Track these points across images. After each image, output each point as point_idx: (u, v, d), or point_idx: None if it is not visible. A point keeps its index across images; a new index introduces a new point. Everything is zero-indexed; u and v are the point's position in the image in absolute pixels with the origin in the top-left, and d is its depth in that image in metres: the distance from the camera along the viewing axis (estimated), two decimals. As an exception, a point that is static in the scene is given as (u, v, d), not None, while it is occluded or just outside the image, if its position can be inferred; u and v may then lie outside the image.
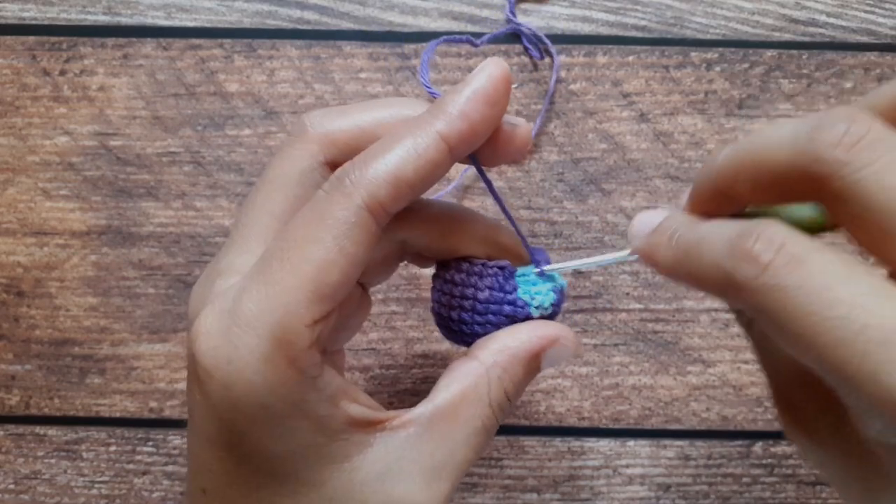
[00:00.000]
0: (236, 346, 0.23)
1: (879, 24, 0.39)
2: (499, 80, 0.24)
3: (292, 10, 0.40)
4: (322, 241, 0.23)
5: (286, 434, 0.23)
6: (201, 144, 0.40)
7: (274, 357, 0.22)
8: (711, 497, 0.39)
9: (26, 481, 0.40)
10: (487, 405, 0.25)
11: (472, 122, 0.23)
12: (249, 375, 0.23)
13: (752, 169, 0.21)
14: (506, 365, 0.26)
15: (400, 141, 0.23)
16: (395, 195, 0.23)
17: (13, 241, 0.40)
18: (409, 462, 0.25)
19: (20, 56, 0.40)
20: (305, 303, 0.22)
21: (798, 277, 0.19)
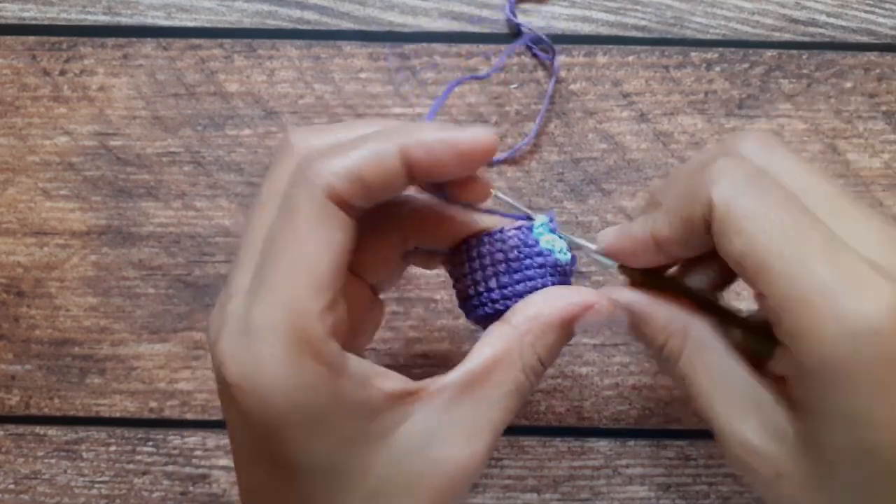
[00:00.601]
0: (260, 358, 0.23)
1: (879, 24, 0.39)
2: (480, 144, 0.25)
3: (292, 10, 0.40)
4: (301, 236, 0.24)
5: (328, 429, 0.24)
6: (201, 144, 0.40)
7: (297, 357, 0.23)
8: (711, 497, 0.39)
9: (26, 481, 0.40)
10: (521, 370, 0.26)
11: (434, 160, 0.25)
12: (281, 382, 0.23)
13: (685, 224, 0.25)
14: (539, 332, 0.27)
15: (363, 144, 0.24)
16: (352, 190, 0.24)
17: (13, 241, 0.40)
18: (448, 425, 0.26)
19: (20, 56, 0.40)
20: (308, 297, 0.23)
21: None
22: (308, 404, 0.23)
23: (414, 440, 0.25)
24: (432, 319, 0.39)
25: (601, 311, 0.27)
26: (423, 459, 0.25)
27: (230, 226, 0.40)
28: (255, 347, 0.23)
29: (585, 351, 0.39)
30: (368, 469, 0.25)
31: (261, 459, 0.25)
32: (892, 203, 0.39)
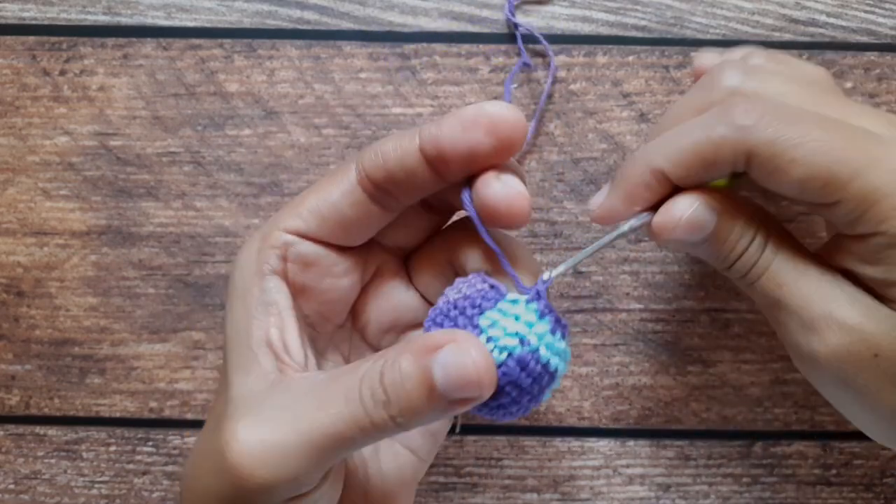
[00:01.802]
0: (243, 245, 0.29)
1: (879, 24, 0.39)
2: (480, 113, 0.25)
3: (292, 10, 0.40)
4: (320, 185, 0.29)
5: (233, 307, 0.28)
6: (201, 144, 0.40)
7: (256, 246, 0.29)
8: (711, 497, 0.39)
9: (26, 481, 0.40)
10: (357, 376, 0.24)
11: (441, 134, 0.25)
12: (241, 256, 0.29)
13: (697, 160, 0.26)
14: (398, 350, 0.24)
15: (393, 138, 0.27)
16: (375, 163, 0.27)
17: (13, 241, 0.40)
18: (271, 404, 0.25)
19: (20, 56, 0.40)
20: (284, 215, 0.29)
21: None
22: (237, 281, 0.28)
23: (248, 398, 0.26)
24: (432, 319, 0.39)
25: (463, 351, 0.23)
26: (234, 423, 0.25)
27: (230, 226, 0.40)
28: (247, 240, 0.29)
29: (585, 351, 0.39)
30: (230, 385, 0.27)
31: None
32: (892, 203, 0.39)
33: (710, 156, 0.26)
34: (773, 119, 0.25)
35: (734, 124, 0.25)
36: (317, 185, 0.28)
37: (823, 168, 0.25)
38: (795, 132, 0.25)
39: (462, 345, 0.23)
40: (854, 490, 0.39)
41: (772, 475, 0.39)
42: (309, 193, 0.28)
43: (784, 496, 0.39)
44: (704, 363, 0.39)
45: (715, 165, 0.26)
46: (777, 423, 0.39)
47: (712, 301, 0.39)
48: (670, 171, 0.27)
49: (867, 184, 0.24)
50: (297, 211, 0.28)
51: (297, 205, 0.28)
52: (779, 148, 0.25)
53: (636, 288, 0.39)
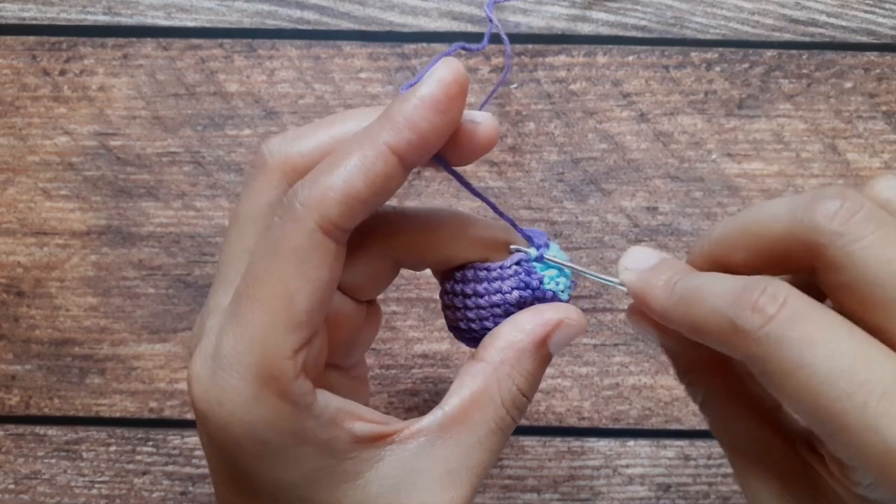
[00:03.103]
0: (224, 388, 0.23)
1: (879, 24, 0.39)
2: (450, 84, 0.22)
3: (292, 10, 0.40)
4: (283, 272, 0.22)
5: (292, 463, 0.24)
6: (201, 144, 0.40)
7: (262, 394, 0.23)
8: (711, 497, 0.39)
9: (26, 481, 0.40)
10: (500, 405, 0.25)
11: (420, 132, 0.22)
12: (242, 415, 0.23)
13: (751, 239, 0.23)
14: (513, 361, 0.25)
15: (348, 156, 0.22)
16: (348, 213, 0.22)
17: (13, 241, 0.40)
18: (422, 471, 0.25)
19: (20, 56, 0.40)
20: (281, 336, 0.22)
21: (802, 331, 0.20)
22: (268, 439, 0.23)
23: (384, 484, 0.24)
24: (432, 319, 0.39)
25: (572, 324, 0.26)
26: (395, 503, 0.24)
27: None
28: (221, 377, 0.23)
29: (585, 351, 0.39)
30: (340, 502, 0.24)
31: (229, 482, 0.25)
32: (892, 203, 0.39)
33: (762, 230, 0.22)
34: (876, 234, 0.20)
35: (815, 212, 0.21)
36: (273, 276, 0.23)
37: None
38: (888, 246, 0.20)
39: (567, 320, 0.26)
40: (854, 490, 0.39)
41: (772, 475, 0.39)
42: (281, 292, 0.23)
43: (784, 496, 0.39)
44: (704, 363, 0.39)
45: (776, 254, 0.22)
46: (777, 423, 0.39)
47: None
48: (721, 251, 0.24)
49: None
50: (290, 321, 0.23)
51: (278, 314, 0.23)
52: (850, 265, 0.20)
53: (636, 288, 0.39)
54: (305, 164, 0.25)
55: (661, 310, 0.24)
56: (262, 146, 0.25)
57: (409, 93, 0.23)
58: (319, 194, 0.22)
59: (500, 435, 0.25)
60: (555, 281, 0.27)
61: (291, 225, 0.22)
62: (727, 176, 0.39)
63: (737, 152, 0.39)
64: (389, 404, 0.39)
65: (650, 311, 0.25)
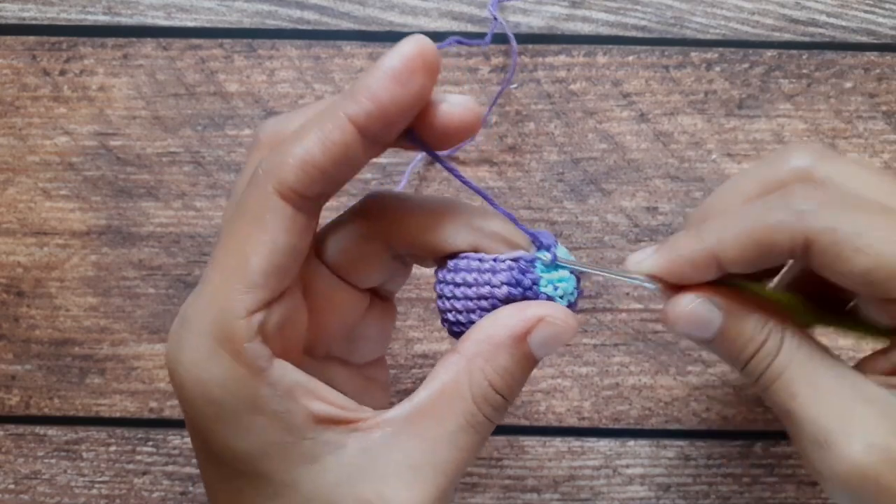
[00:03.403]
0: (183, 347, 0.24)
1: (879, 24, 0.39)
2: (410, 57, 0.22)
3: (292, 10, 0.40)
4: (239, 233, 0.23)
5: (247, 430, 0.24)
6: (201, 144, 0.40)
7: (217, 352, 0.23)
8: (711, 497, 0.39)
9: (26, 481, 0.40)
10: (470, 401, 0.24)
11: (379, 102, 0.22)
12: (198, 373, 0.23)
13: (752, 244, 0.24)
14: (488, 355, 0.24)
15: (309, 127, 0.23)
16: (305, 179, 0.23)
17: (13, 241, 0.40)
18: (384, 463, 0.24)
19: (20, 56, 0.40)
20: (235, 296, 0.23)
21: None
22: (224, 402, 0.23)
23: (342, 472, 0.24)
24: (432, 319, 0.39)
25: (556, 323, 0.25)
26: (351, 494, 0.24)
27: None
28: (182, 336, 0.24)
29: (585, 351, 0.39)
30: (296, 487, 0.24)
31: (200, 451, 0.26)
32: (892, 203, 0.39)
33: (767, 240, 0.24)
34: (835, 205, 0.23)
35: (792, 208, 0.24)
36: (234, 237, 0.23)
37: (891, 258, 0.22)
38: (860, 221, 0.23)
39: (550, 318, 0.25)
40: (854, 490, 0.39)
41: (772, 475, 0.39)
42: (238, 252, 0.23)
43: (784, 496, 0.39)
44: (704, 363, 0.39)
45: (770, 251, 0.24)
46: (777, 423, 0.39)
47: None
48: (723, 253, 0.25)
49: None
50: (245, 280, 0.23)
51: (232, 274, 0.23)
52: (841, 236, 0.23)
53: (636, 288, 0.39)
54: None
55: (708, 253, 0.25)
56: (257, 128, 0.27)
57: (372, 65, 0.23)
58: (278, 160, 0.23)
59: (471, 433, 0.24)
60: (553, 285, 0.26)
61: (253, 190, 0.23)
62: (727, 176, 0.39)
63: (737, 152, 0.39)
64: (389, 404, 0.39)
65: (693, 273, 0.25)
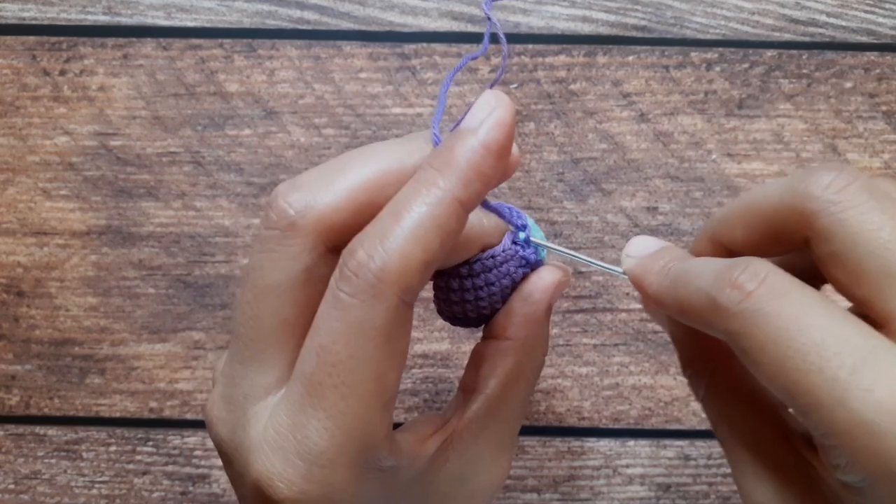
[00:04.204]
0: (331, 485, 0.22)
1: (879, 24, 0.39)
2: (510, 126, 0.21)
3: (292, 10, 0.40)
4: (371, 355, 0.21)
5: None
6: (201, 144, 0.40)
7: (367, 478, 0.22)
8: (711, 497, 0.39)
9: (26, 481, 0.40)
10: (531, 377, 0.27)
11: (488, 181, 0.21)
12: (349, 499, 0.22)
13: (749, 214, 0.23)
14: (534, 333, 0.27)
15: (416, 215, 0.20)
16: (426, 278, 0.21)
17: (13, 241, 0.40)
18: (480, 455, 0.27)
19: (20, 56, 0.40)
20: (377, 420, 0.22)
21: (777, 305, 0.20)
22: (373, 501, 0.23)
23: (451, 480, 0.26)
24: (432, 319, 0.39)
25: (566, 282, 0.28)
26: (463, 493, 0.26)
27: (230, 226, 0.40)
28: (323, 475, 0.21)
29: (585, 351, 0.39)
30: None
31: None
32: (892, 203, 0.39)
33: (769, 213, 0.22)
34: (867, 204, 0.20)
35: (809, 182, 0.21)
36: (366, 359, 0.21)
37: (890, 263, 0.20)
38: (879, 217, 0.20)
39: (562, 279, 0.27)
40: (854, 490, 0.39)
41: (772, 475, 0.39)
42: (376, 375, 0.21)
43: (784, 496, 0.39)
44: (704, 363, 0.39)
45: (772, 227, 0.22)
46: (777, 423, 0.39)
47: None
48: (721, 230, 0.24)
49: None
50: (384, 401, 0.22)
51: (373, 397, 0.22)
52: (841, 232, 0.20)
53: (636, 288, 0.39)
54: (343, 221, 0.22)
55: (654, 294, 0.24)
56: (280, 202, 0.22)
57: (468, 136, 0.21)
58: (400, 265, 0.20)
59: (529, 400, 0.29)
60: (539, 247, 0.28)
61: (373, 302, 0.20)
62: (727, 176, 0.39)
63: (737, 152, 0.39)
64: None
65: (645, 296, 0.25)
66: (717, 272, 0.21)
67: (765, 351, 0.20)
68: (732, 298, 0.20)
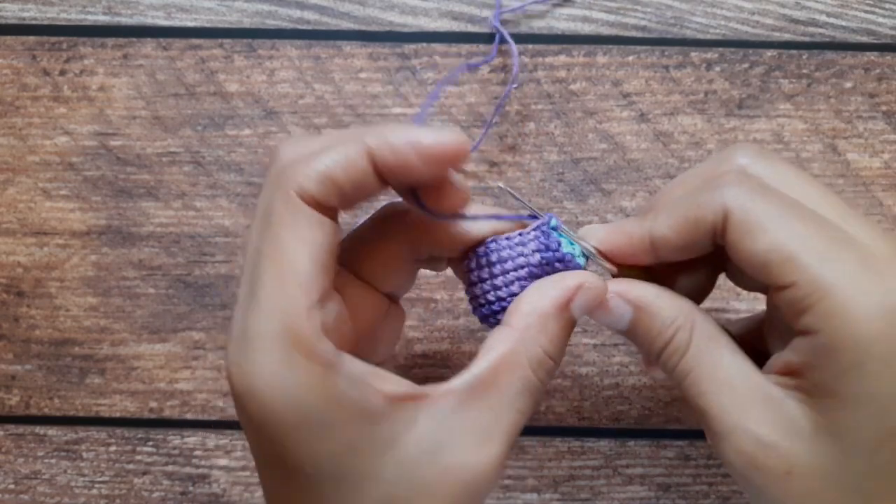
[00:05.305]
0: (255, 362, 0.24)
1: (879, 24, 0.39)
2: (446, 146, 0.25)
3: (292, 10, 0.40)
4: (277, 237, 0.24)
5: (329, 431, 0.24)
6: (201, 144, 0.40)
7: (292, 358, 0.23)
8: (711, 497, 0.39)
9: (26, 481, 0.40)
10: (527, 367, 0.27)
11: (399, 159, 0.25)
12: (278, 383, 0.24)
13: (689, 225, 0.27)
14: (539, 325, 0.27)
15: (332, 147, 0.25)
16: (324, 190, 0.24)
17: (13, 241, 0.40)
18: (457, 431, 0.26)
19: (20, 56, 0.40)
20: (293, 297, 0.24)
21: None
22: (305, 405, 0.24)
23: (422, 447, 0.25)
24: (432, 319, 0.39)
25: (592, 288, 0.27)
26: (434, 467, 0.25)
27: (230, 226, 0.40)
28: (251, 353, 0.24)
29: (585, 351, 0.39)
30: (378, 476, 0.25)
31: (272, 465, 0.26)
32: (892, 203, 0.39)
33: (693, 215, 0.26)
34: (755, 192, 0.26)
35: (719, 190, 0.26)
36: (274, 247, 0.24)
37: (787, 245, 0.24)
38: (771, 206, 0.25)
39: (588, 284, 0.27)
40: (854, 490, 0.39)
41: (772, 475, 0.39)
42: (284, 257, 0.24)
43: (784, 496, 0.39)
44: (704, 363, 0.39)
45: (697, 226, 0.26)
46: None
47: (712, 301, 0.39)
48: (656, 231, 0.27)
49: (826, 275, 0.24)
50: (300, 282, 0.24)
51: (286, 279, 0.24)
52: (752, 215, 0.25)
53: (636, 288, 0.39)
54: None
55: (645, 233, 0.28)
56: (278, 146, 0.26)
57: (413, 128, 0.25)
58: (301, 170, 0.24)
59: (528, 396, 0.27)
60: (571, 245, 0.29)
61: (278, 195, 0.24)
62: (727, 176, 0.39)
63: (737, 152, 0.39)
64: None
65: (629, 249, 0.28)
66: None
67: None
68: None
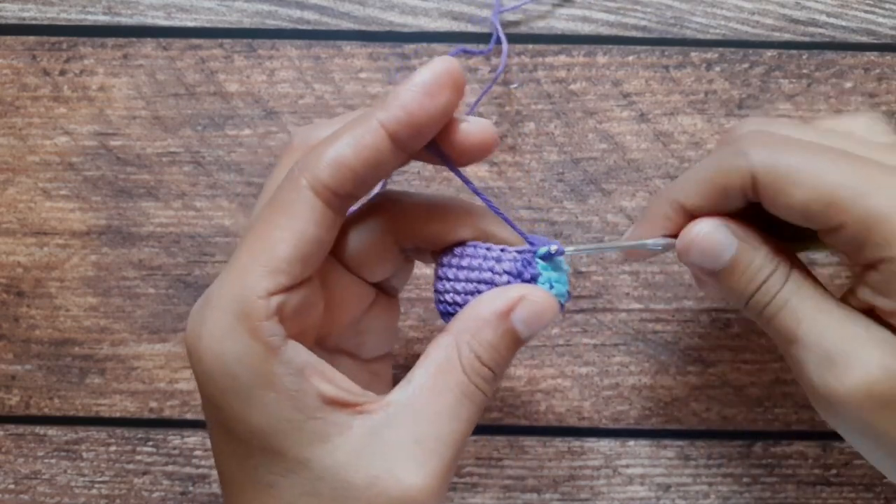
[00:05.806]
0: (203, 322, 0.25)
1: (879, 24, 0.39)
2: (440, 73, 0.25)
3: (292, 10, 0.40)
4: (270, 219, 0.25)
5: (260, 405, 0.24)
6: (201, 144, 0.40)
7: (235, 328, 0.24)
8: (711, 497, 0.39)
9: (26, 481, 0.40)
10: (461, 372, 0.26)
11: (410, 111, 0.24)
12: (216, 347, 0.24)
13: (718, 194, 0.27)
14: (473, 330, 0.26)
15: (343, 131, 0.25)
16: (338, 177, 0.24)
17: (13, 241, 0.40)
18: (390, 441, 0.25)
19: (20, 56, 0.40)
20: (258, 277, 0.24)
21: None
22: (239, 375, 0.24)
23: (351, 452, 0.25)
24: (432, 319, 0.39)
25: (535, 301, 0.27)
26: (362, 474, 0.25)
27: (230, 226, 0.40)
28: (203, 312, 0.25)
29: (585, 351, 0.39)
30: (308, 465, 0.25)
31: (212, 422, 0.26)
32: (892, 203, 0.39)
33: (721, 182, 0.27)
34: (776, 145, 0.26)
35: (740, 151, 0.26)
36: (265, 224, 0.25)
37: (826, 191, 0.25)
38: (797, 157, 0.25)
39: (530, 296, 0.27)
40: (854, 490, 0.39)
41: (772, 475, 0.39)
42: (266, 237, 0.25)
43: (784, 496, 0.39)
44: (704, 363, 0.39)
45: (726, 192, 0.27)
46: (777, 423, 0.39)
47: (712, 301, 0.39)
48: (686, 200, 0.28)
49: (870, 206, 0.24)
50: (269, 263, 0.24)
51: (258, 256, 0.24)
52: (781, 171, 0.25)
53: (636, 288, 0.39)
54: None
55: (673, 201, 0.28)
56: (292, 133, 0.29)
57: (404, 79, 0.25)
58: (313, 159, 0.25)
59: (467, 404, 0.26)
60: (550, 283, 0.27)
61: (285, 183, 0.25)
62: (727, 176, 0.39)
63: (737, 152, 0.39)
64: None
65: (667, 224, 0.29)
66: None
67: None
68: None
